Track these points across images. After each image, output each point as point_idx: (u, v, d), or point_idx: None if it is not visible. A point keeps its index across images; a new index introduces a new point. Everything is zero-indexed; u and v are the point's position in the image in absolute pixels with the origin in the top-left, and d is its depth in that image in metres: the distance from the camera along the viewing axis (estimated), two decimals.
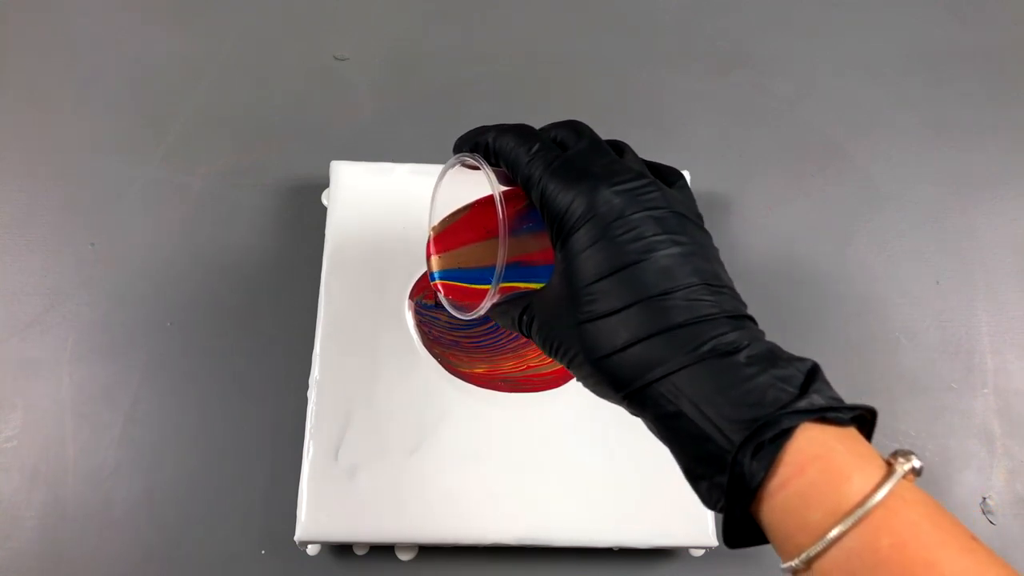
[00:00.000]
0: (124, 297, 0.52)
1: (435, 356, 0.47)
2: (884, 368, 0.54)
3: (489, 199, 0.31)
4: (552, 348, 0.30)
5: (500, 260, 0.30)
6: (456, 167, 0.34)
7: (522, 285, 0.32)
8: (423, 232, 0.49)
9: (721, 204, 0.57)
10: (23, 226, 0.53)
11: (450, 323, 0.48)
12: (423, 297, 0.48)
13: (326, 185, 0.52)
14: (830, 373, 0.27)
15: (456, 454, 0.45)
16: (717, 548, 0.44)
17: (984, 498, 0.51)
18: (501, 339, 0.48)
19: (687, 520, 0.44)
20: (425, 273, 0.48)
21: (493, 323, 0.48)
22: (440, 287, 0.37)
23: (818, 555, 0.23)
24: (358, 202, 0.50)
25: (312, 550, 0.45)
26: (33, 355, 0.50)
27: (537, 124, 0.32)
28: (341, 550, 0.47)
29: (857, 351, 0.54)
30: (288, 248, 0.54)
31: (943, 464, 0.52)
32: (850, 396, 0.26)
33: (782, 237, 0.57)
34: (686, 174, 0.34)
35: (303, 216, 0.54)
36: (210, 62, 0.59)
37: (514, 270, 0.31)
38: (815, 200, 0.58)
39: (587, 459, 0.45)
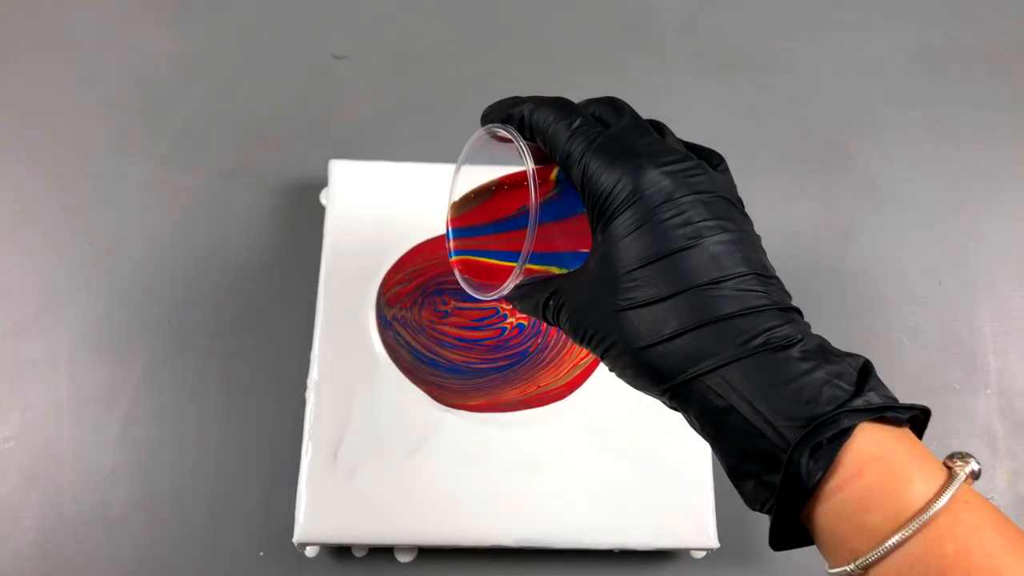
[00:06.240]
0: (122, 297, 0.52)
1: (417, 385, 0.45)
2: (886, 368, 0.53)
3: (516, 177, 0.29)
4: (584, 337, 0.28)
5: (528, 239, 0.28)
6: (485, 139, 0.31)
7: (545, 269, 0.30)
8: (422, 232, 0.50)
9: None
10: (21, 226, 0.53)
11: (419, 358, 0.46)
12: (383, 305, 0.47)
13: (324, 184, 0.52)
14: None
15: (455, 456, 0.44)
16: (718, 550, 0.44)
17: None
18: (510, 373, 0.45)
19: (688, 522, 0.44)
20: (387, 275, 0.47)
21: (485, 367, 0.46)
22: (457, 265, 0.34)
23: (876, 560, 0.22)
24: (357, 201, 0.50)
25: (311, 552, 0.45)
26: (31, 355, 0.50)
27: None
28: (340, 552, 0.47)
29: (859, 351, 0.53)
30: (287, 248, 0.53)
31: None
32: None
33: (784, 236, 0.57)
34: None
35: (302, 216, 0.54)
36: (209, 62, 0.59)
37: (539, 254, 0.30)
38: (817, 199, 0.58)
39: (587, 460, 0.45)
